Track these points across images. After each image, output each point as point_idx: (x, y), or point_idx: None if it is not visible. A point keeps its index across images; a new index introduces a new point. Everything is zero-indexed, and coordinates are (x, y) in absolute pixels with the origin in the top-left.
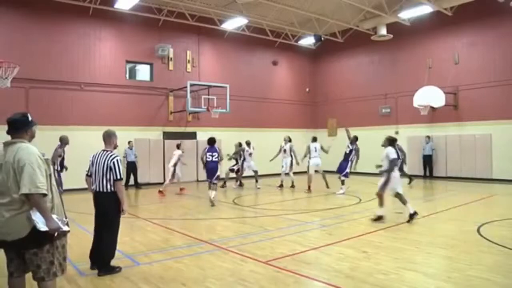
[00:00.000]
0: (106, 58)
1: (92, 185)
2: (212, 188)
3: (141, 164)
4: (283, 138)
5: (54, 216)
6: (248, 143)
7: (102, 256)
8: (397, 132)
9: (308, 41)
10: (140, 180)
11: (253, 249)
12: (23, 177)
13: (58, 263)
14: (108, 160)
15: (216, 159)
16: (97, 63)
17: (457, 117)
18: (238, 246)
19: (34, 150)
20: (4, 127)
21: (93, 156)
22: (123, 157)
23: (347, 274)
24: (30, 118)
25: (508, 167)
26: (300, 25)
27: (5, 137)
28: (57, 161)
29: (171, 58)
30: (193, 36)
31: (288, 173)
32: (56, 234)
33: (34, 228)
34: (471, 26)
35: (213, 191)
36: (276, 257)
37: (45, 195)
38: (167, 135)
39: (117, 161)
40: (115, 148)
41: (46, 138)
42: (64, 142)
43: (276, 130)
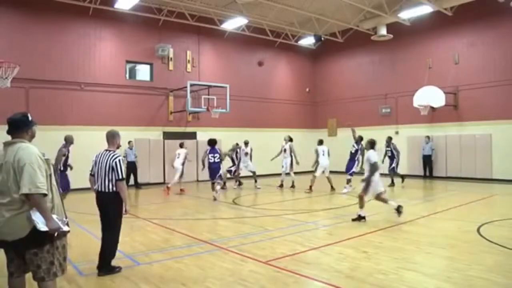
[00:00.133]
0: (106, 58)
1: (95, 185)
2: (216, 186)
3: (141, 164)
4: (283, 138)
5: (54, 216)
6: (246, 143)
7: (103, 256)
8: (397, 132)
9: (308, 41)
10: (140, 180)
11: (253, 249)
12: (23, 177)
13: (58, 263)
14: (111, 160)
15: (218, 160)
16: (97, 63)
17: (457, 117)
18: (238, 246)
19: (35, 150)
20: (4, 127)
21: (96, 156)
22: (123, 157)
23: (347, 274)
24: (30, 118)
25: (508, 167)
26: (300, 25)
27: (5, 137)
28: (61, 161)
29: (171, 58)
30: (193, 36)
31: (289, 173)
32: (56, 234)
33: (34, 228)
34: (471, 26)
35: (217, 186)
36: (276, 257)
37: (45, 195)
38: (167, 135)
39: (119, 161)
40: (118, 148)
41: (46, 138)
42: (69, 142)
43: (276, 130)
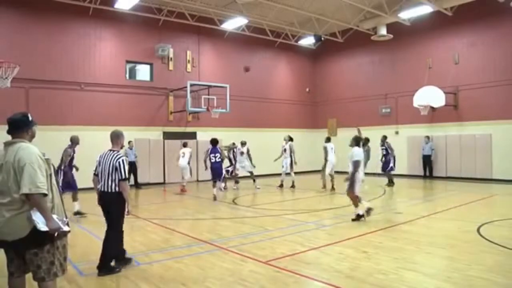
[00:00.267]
0: (106, 58)
1: (98, 185)
2: (217, 184)
3: (141, 164)
4: (283, 138)
5: (55, 216)
6: (242, 143)
7: (104, 255)
8: (397, 132)
9: (308, 41)
10: (140, 180)
11: (253, 249)
12: (24, 177)
13: (59, 263)
14: (114, 160)
15: (219, 159)
16: (97, 63)
17: (457, 117)
18: (238, 246)
19: (35, 150)
20: (4, 127)
21: (100, 156)
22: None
23: (347, 274)
24: (30, 118)
25: (508, 167)
26: (300, 25)
27: (6, 137)
28: (67, 161)
29: (171, 58)
30: (193, 36)
31: (289, 173)
32: (57, 234)
33: (35, 228)
34: (471, 26)
35: (221, 184)
36: (276, 257)
37: (46, 195)
38: (167, 135)
39: (123, 161)
40: (122, 148)
41: (46, 138)
42: (75, 142)
43: (276, 130)
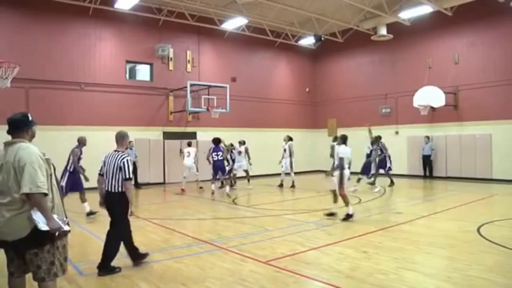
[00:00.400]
0: (106, 58)
1: (102, 185)
2: (226, 183)
3: (141, 164)
4: (283, 138)
5: (55, 216)
6: (240, 142)
7: (105, 254)
8: (397, 132)
9: (308, 41)
10: (140, 180)
11: (253, 249)
12: (24, 177)
13: (59, 263)
14: (119, 160)
15: (222, 157)
16: (97, 63)
17: (457, 117)
18: (238, 246)
19: (35, 150)
20: (4, 127)
21: (105, 157)
22: None
23: (347, 274)
24: (30, 118)
25: (508, 167)
26: (300, 25)
27: (6, 137)
28: (77, 162)
29: (171, 58)
30: (193, 36)
31: (289, 173)
32: (57, 234)
33: (35, 228)
34: (471, 26)
35: (227, 186)
36: (276, 257)
37: (46, 195)
38: (167, 135)
39: (127, 161)
40: (127, 149)
41: (46, 138)
42: (82, 143)
43: (276, 130)
